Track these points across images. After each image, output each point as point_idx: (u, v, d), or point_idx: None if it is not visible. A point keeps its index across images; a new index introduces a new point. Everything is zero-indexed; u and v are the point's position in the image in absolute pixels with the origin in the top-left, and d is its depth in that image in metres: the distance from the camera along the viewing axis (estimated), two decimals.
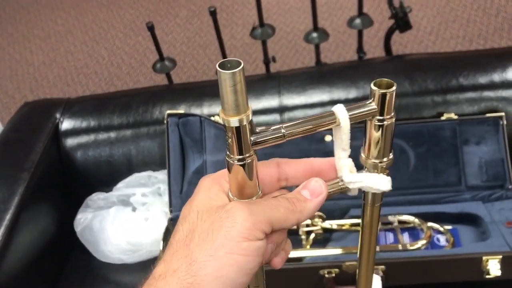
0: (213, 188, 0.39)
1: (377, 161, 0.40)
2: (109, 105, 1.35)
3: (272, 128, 0.37)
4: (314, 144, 1.19)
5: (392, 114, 0.38)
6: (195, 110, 1.28)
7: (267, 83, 1.33)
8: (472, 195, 1.17)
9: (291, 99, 1.29)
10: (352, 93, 1.26)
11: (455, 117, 1.19)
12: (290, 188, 0.41)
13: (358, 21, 1.41)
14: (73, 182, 1.34)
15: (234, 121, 0.34)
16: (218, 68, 0.33)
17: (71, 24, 2.93)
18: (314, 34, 1.44)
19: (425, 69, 1.28)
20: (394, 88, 0.36)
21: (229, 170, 0.37)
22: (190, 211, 0.38)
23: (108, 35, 2.78)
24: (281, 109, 1.28)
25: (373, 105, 0.37)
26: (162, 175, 1.28)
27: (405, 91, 1.24)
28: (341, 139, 0.39)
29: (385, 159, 0.40)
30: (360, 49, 1.52)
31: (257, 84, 1.33)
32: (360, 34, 1.49)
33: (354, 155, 0.41)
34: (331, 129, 0.39)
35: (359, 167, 0.42)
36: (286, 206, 0.38)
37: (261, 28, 1.41)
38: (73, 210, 1.27)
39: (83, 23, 2.91)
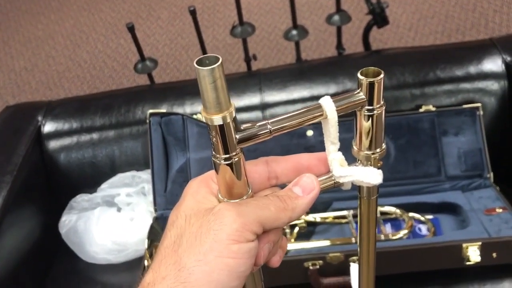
0: (200, 191, 0.38)
1: (369, 152, 0.38)
2: (91, 106, 1.35)
3: (258, 124, 0.35)
4: (296, 139, 1.21)
5: (382, 103, 0.37)
6: (177, 109, 1.29)
7: (248, 80, 1.34)
8: (452, 185, 1.19)
9: (272, 96, 1.30)
10: (331, 88, 1.28)
11: (433, 109, 1.22)
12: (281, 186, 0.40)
13: (336, 17, 1.43)
14: (57, 184, 1.34)
15: (217, 119, 0.33)
16: (196, 65, 0.31)
17: (51, 28, 2.91)
18: (294, 32, 1.46)
19: (403, 63, 1.30)
20: (381, 76, 0.35)
21: (217, 171, 0.36)
22: (178, 216, 0.37)
23: (89, 38, 2.77)
24: (263, 106, 1.29)
25: (361, 95, 0.36)
26: (146, 174, 1.28)
27: (384, 85, 1.25)
28: (329, 132, 0.38)
29: (377, 150, 0.38)
30: (339, 46, 1.54)
31: (238, 82, 1.34)
32: (339, 30, 1.51)
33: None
34: (319, 122, 0.38)
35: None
36: (277, 204, 0.36)
37: (241, 26, 1.42)
38: (57, 212, 1.27)
39: (64, 27, 2.90)
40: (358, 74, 0.36)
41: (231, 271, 0.34)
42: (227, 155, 0.35)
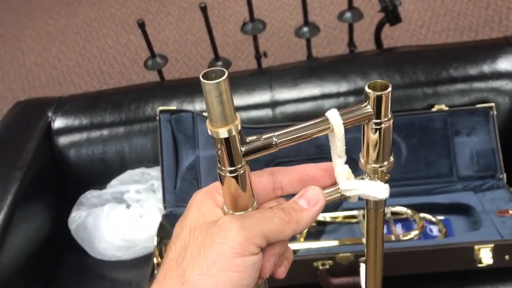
0: (205, 203, 0.38)
1: (376, 165, 0.38)
2: (101, 103, 1.35)
3: (263, 137, 0.36)
4: None
5: (390, 116, 0.36)
6: (187, 106, 1.28)
7: (259, 78, 1.33)
8: (464, 186, 1.18)
9: (282, 94, 1.29)
10: (343, 87, 1.27)
11: (446, 108, 1.20)
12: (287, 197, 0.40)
13: (348, 14, 1.42)
14: (67, 180, 1.34)
15: (222, 132, 0.33)
16: (202, 79, 0.31)
17: (62, 24, 2.92)
18: (305, 29, 1.44)
19: (416, 62, 1.28)
20: (389, 89, 0.35)
21: (222, 183, 0.36)
22: (183, 228, 0.37)
23: (99, 34, 2.77)
24: (273, 104, 1.28)
25: (368, 108, 0.36)
26: (155, 171, 1.28)
27: (396, 84, 1.24)
28: (336, 145, 0.38)
29: (385, 163, 0.38)
30: (351, 43, 1.52)
31: (249, 79, 1.33)
32: (350, 27, 1.49)
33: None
34: (327, 135, 0.38)
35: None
36: (281, 217, 0.36)
37: (252, 23, 1.41)
38: (67, 208, 1.27)
39: (74, 22, 2.90)
40: (366, 88, 0.36)
41: (234, 285, 0.34)
42: (233, 168, 0.35)
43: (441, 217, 1.14)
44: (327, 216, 1.15)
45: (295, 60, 2.26)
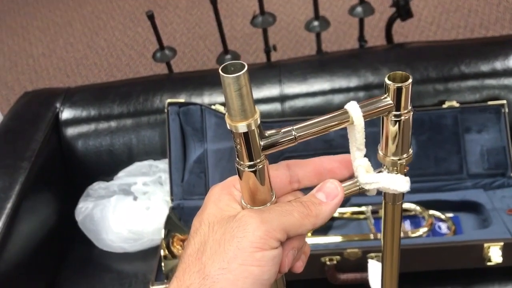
0: (223, 198, 0.38)
1: (395, 158, 0.38)
2: (109, 94, 1.35)
3: (282, 131, 0.35)
4: None
5: (409, 108, 0.36)
6: (196, 99, 1.28)
7: (268, 72, 1.33)
8: (474, 183, 1.17)
9: (292, 88, 1.28)
10: (353, 82, 1.26)
11: (457, 105, 1.19)
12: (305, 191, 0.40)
13: (359, 9, 1.40)
14: (74, 172, 1.34)
15: (242, 127, 0.32)
16: (221, 73, 0.31)
17: (70, 15, 2.91)
18: (315, 23, 1.43)
19: (427, 57, 1.27)
20: (410, 81, 0.35)
21: (240, 177, 0.36)
22: (201, 223, 0.37)
23: (107, 26, 2.77)
24: (282, 98, 1.28)
25: (388, 100, 0.35)
26: (163, 164, 1.28)
27: None
28: (356, 138, 0.37)
29: (404, 156, 0.38)
30: (361, 38, 1.51)
31: (258, 73, 1.32)
32: (361, 22, 1.48)
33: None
34: (345, 128, 0.37)
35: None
36: (300, 210, 0.36)
37: (262, 16, 1.40)
38: (74, 199, 1.27)
39: (82, 14, 2.90)
40: (386, 79, 0.35)
41: (255, 279, 0.34)
42: (252, 162, 0.34)
43: (450, 215, 1.13)
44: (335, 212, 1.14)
45: (305, 54, 2.25)
